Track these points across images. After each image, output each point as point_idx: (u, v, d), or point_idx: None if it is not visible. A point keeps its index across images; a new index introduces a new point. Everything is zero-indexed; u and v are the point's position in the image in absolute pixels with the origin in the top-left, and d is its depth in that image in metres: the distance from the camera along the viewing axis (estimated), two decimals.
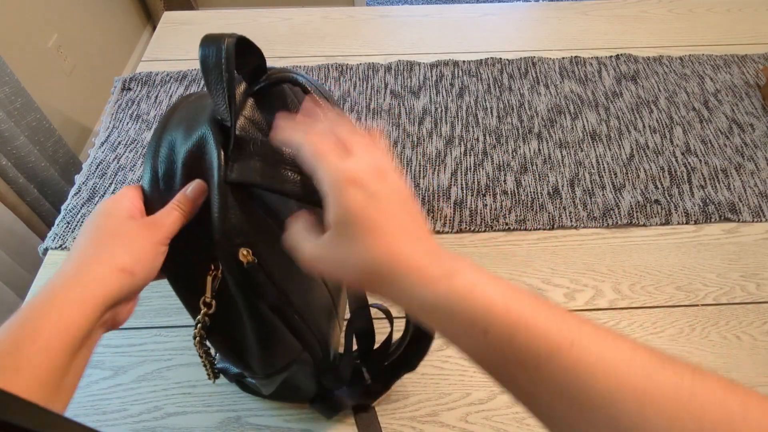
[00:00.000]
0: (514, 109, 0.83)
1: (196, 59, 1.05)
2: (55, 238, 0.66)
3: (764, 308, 0.60)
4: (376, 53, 0.95)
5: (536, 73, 0.90)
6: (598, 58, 0.92)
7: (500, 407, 0.52)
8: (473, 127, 0.80)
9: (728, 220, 0.68)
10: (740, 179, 0.72)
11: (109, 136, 0.80)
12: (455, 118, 0.82)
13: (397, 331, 0.47)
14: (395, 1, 2.61)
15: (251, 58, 0.35)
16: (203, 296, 0.34)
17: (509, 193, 0.71)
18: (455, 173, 0.74)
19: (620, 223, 0.68)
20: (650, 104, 0.83)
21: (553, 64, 0.91)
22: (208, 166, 0.32)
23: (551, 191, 0.71)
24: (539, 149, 0.77)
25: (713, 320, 0.59)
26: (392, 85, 0.88)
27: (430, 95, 0.86)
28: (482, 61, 0.92)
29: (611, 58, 0.92)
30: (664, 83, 0.87)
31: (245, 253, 0.32)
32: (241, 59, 0.33)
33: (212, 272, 0.34)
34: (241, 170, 0.32)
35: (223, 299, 0.34)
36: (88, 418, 0.52)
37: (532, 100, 0.85)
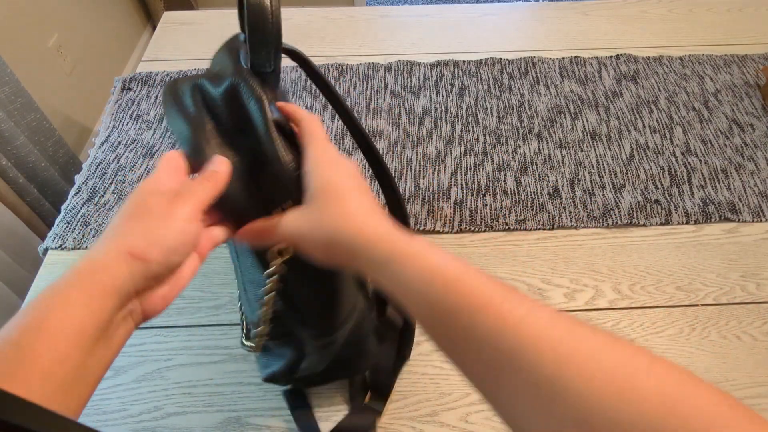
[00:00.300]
0: (514, 109, 0.83)
1: (196, 59, 1.05)
2: (55, 238, 0.66)
3: (764, 308, 0.60)
4: (376, 53, 0.95)
5: (536, 73, 0.90)
6: (598, 58, 0.92)
7: None
8: (473, 127, 0.80)
9: (728, 220, 0.68)
10: (740, 179, 0.72)
11: (109, 136, 0.80)
12: (455, 118, 0.82)
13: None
14: (395, 1, 2.61)
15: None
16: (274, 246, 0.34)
17: (509, 193, 0.71)
18: (455, 173, 0.74)
19: (620, 223, 0.68)
20: (650, 104, 0.83)
21: (553, 64, 0.91)
22: (246, 108, 0.33)
23: (551, 191, 0.71)
24: (539, 149, 0.77)
25: (713, 320, 0.59)
26: (392, 85, 0.88)
27: (430, 95, 0.86)
28: (482, 61, 0.92)
29: (611, 58, 0.92)
30: (664, 83, 0.87)
31: None
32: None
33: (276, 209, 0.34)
34: (276, 112, 0.34)
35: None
36: (88, 418, 0.52)
37: (532, 100, 0.85)
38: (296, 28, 1.01)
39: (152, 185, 0.30)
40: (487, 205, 0.70)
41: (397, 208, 0.44)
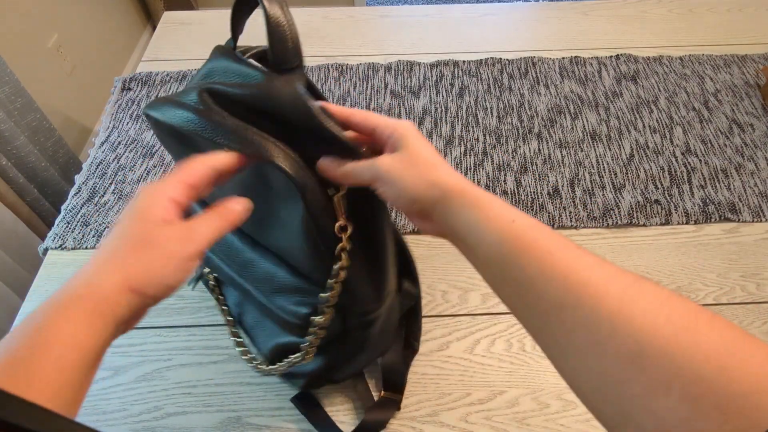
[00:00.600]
0: (514, 109, 0.83)
1: (196, 59, 1.05)
2: (55, 238, 0.66)
3: (764, 308, 0.60)
4: (376, 53, 0.95)
5: (536, 73, 0.90)
6: (598, 58, 0.92)
7: (500, 407, 0.52)
8: (473, 127, 0.80)
9: (728, 220, 0.68)
10: (740, 179, 0.72)
11: (109, 136, 0.80)
12: (455, 118, 0.82)
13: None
14: (395, 1, 2.61)
15: None
16: (336, 223, 0.35)
17: (509, 193, 0.71)
18: None
19: (620, 223, 0.68)
20: (650, 104, 0.83)
21: (553, 64, 0.91)
22: (294, 106, 0.34)
23: (551, 191, 0.71)
24: (539, 149, 0.77)
25: None
26: (392, 85, 0.88)
27: (430, 95, 0.86)
28: (482, 61, 0.92)
29: (611, 58, 0.92)
30: (664, 83, 0.87)
31: None
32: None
33: (335, 193, 0.34)
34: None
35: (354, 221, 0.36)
36: (88, 418, 0.52)
37: (532, 100, 0.85)
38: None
39: (159, 211, 0.29)
40: None
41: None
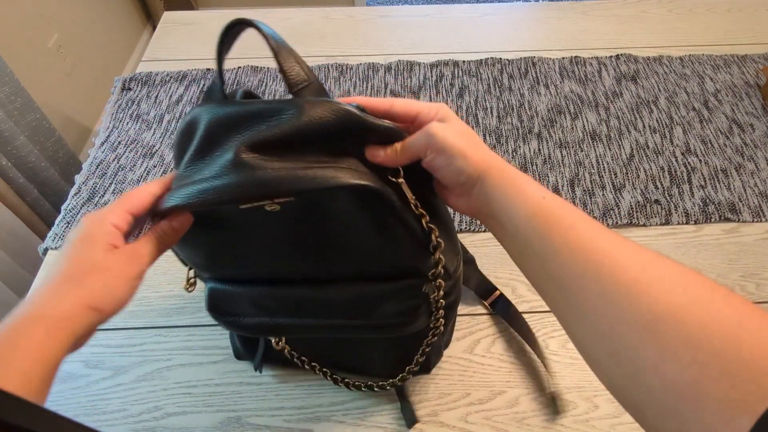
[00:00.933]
0: (514, 109, 0.83)
1: (196, 59, 1.04)
2: (55, 238, 0.66)
3: (764, 308, 0.60)
4: (376, 53, 0.95)
5: (536, 73, 0.90)
6: (598, 58, 0.92)
7: (500, 407, 0.52)
8: (473, 127, 0.80)
9: (728, 220, 0.68)
10: (740, 179, 0.72)
11: (109, 136, 0.80)
12: None
13: None
14: (395, 1, 2.61)
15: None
16: (410, 203, 0.35)
17: None
18: None
19: (620, 223, 0.68)
20: (650, 104, 0.83)
21: (553, 64, 0.91)
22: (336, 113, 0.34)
23: (551, 191, 0.71)
24: (539, 149, 0.77)
25: None
26: (392, 85, 0.88)
27: (430, 95, 0.86)
28: (482, 61, 0.92)
29: (611, 58, 0.92)
30: (664, 83, 0.87)
31: None
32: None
33: (398, 179, 0.35)
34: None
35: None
36: (88, 418, 0.52)
37: (532, 100, 0.85)
38: (296, 28, 1.01)
39: (104, 240, 0.32)
40: None
41: None
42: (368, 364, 0.51)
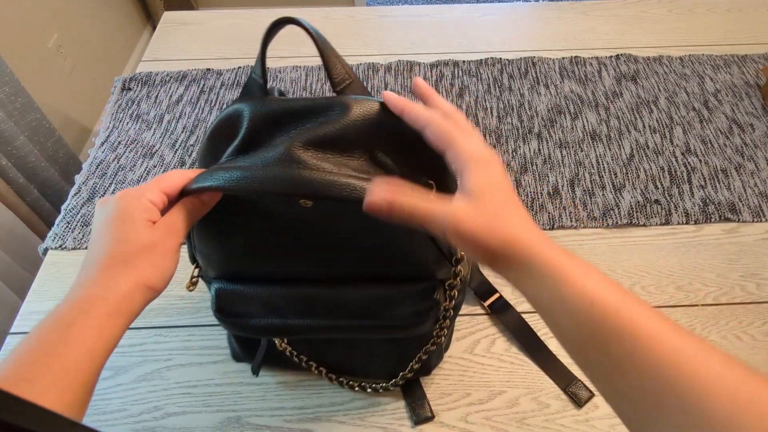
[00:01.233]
0: (514, 109, 0.83)
1: (196, 59, 1.04)
2: (55, 238, 0.66)
3: (764, 308, 0.60)
4: (376, 53, 0.95)
5: (536, 73, 0.90)
6: (598, 58, 0.92)
7: (500, 407, 0.52)
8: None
9: (728, 220, 0.68)
10: (740, 179, 0.72)
11: (109, 136, 0.80)
12: None
13: None
14: (395, 1, 2.61)
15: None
16: None
17: None
18: None
19: (620, 223, 0.68)
20: (650, 104, 0.83)
21: (553, 64, 0.91)
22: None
23: (551, 191, 0.71)
24: (539, 149, 0.77)
25: (713, 320, 0.59)
26: (392, 85, 0.88)
27: None
28: (482, 61, 0.92)
29: (611, 58, 0.92)
30: (664, 83, 0.87)
31: None
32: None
33: (428, 184, 0.35)
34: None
35: None
36: (88, 418, 0.52)
37: (532, 100, 0.85)
38: (296, 28, 1.01)
39: (144, 214, 0.33)
40: None
41: None
42: (369, 366, 0.51)
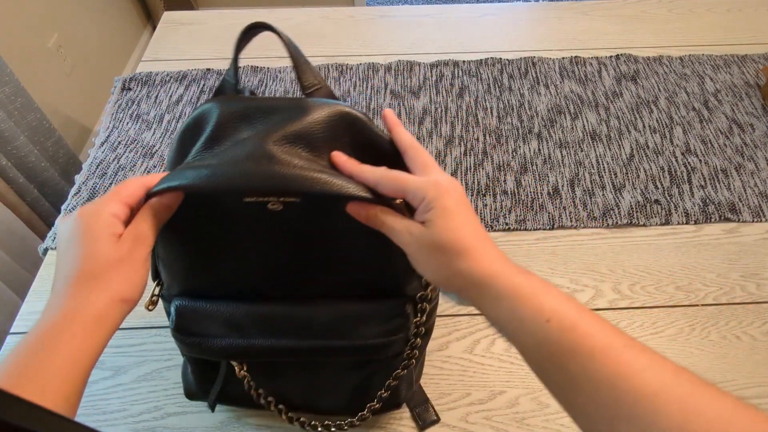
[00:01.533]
0: (514, 109, 0.83)
1: (196, 59, 1.04)
2: (55, 238, 0.66)
3: (764, 308, 0.60)
4: (376, 53, 0.95)
5: (536, 73, 0.90)
6: (598, 58, 0.92)
7: (500, 407, 0.52)
8: (473, 127, 0.80)
9: (728, 220, 0.68)
10: (740, 179, 0.72)
11: (109, 136, 0.80)
12: (455, 118, 0.82)
13: None
14: (395, 1, 2.61)
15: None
16: None
17: (509, 193, 0.71)
18: (455, 173, 0.74)
19: (620, 223, 0.68)
20: (650, 104, 0.83)
21: (553, 64, 0.91)
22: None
23: (551, 191, 0.71)
24: (539, 149, 0.77)
25: (713, 320, 0.59)
26: (392, 85, 0.88)
27: (430, 95, 0.86)
28: (482, 61, 0.92)
29: (611, 58, 0.92)
30: (664, 83, 0.87)
31: None
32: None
33: (396, 201, 0.34)
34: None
35: None
36: (88, 418, 0.52)
37: (532, 100, 0.85)
38: (296, 28, 1.01)
39: (110, 228, 0.32)
40: (487, 205, 0.70)
41: None
42: (334, 399, 0.47)
